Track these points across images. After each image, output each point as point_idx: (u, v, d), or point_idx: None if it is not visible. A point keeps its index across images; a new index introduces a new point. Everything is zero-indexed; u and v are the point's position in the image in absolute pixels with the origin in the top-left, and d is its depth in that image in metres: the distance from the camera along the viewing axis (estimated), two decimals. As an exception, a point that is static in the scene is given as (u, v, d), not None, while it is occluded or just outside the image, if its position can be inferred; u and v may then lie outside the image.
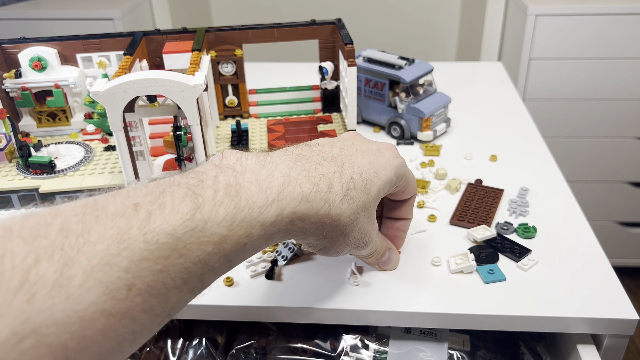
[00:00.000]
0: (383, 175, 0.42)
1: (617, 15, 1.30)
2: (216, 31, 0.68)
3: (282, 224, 0.34)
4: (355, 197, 0.39)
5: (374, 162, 0.42)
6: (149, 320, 0.27)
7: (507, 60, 1.52)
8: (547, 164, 0.67)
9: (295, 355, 0.51)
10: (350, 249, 0.43)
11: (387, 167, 0.43)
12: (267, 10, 1.89)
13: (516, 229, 0.55)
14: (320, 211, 0.36)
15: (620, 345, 0.47)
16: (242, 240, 0.31)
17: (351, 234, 0.40)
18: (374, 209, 0.42)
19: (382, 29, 1.89)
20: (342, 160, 0.40)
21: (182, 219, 0.28)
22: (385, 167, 0.43)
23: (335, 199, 0.37)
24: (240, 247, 0.32)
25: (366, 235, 0.42)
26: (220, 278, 0.33)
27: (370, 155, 0.43)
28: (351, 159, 0.41)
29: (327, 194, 0.37)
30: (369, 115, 0.78)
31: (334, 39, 0.70)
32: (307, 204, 0.35)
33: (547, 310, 0.46)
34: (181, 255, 0.28)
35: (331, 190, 0.37)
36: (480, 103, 0.84)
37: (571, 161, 1.49)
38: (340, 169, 0.39)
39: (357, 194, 0.39)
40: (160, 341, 0.55)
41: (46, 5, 1.50)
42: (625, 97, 1.40)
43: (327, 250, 0.41)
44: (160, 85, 0.49)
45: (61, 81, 0.68)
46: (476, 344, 0.52)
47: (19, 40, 0.67)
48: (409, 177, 0.46)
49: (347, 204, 0.38)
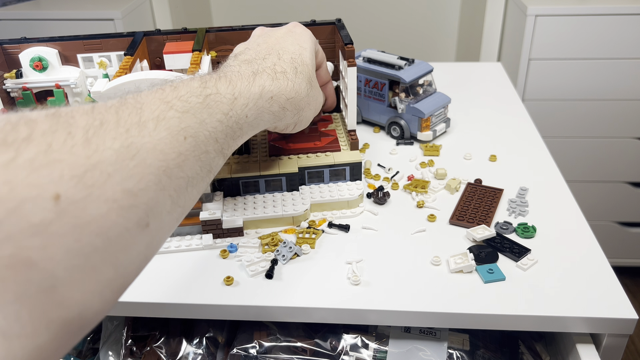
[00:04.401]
0: (306, 45, 0.52)
1: (617, 15, 1.30)
2: (216, 31, 0.68)
3: (266, 98, 0.43)
4: (302, 70, 0.49)
5: (294, 39, 0.52)
6: (201, 168, 0.35)
7: (507, 60, 1.52)
8: (546, 164, 0.68)
9: (295, 354, 0.51)
10: (314, 113, 0.53)
11: (304, 38, 0.53)
12: (267, 10, 1.89)
13: (515, 229, 0.56)
14: (287, 88, 0.46)
15: (620, 345, 0.47)
16: (244, 110, 0.40)
17: (311, 101, 0.51)
18: (314, 74, 0.53)
19: (382, 29, 1.89)
20: (274, 49, 0.49)
21: (199, 87, 0.37)
22: (304, 39, 0.53)
23: (291, 77, 0.47)
24: (244, 118, 0.40)
25: (319, 96, 0.53)
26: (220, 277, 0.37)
27: (288, 36, 0.52)
28: (280, 46, 0.50)
29: (284, 74, 0.46)
30: (369, 115, 0.78)
31: (334, 39, 0.70)
32: (277, 83, 0.45)
33: (546, 310, 0.46)
34: (210, 114, 0.36)
35: (285, 72, 0.47)
36: (480, 103, 0.85)
37: (570, 161, 1.49)
38: (279, 55, 0.48)
39: (301, 67, 0.49)
40: (160, 341, 0.55)
41: (47, 5, 1.51)
42: (625, 97, 1.40)
43: (300, 123, 0.51)
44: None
45: (62, 81, 0.69)
46: (476, 343, 0.52)
47: (20, 40, 0.68)
48: (320, 48, 0.57)
49: (300, 77, 0.48)
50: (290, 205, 0.57)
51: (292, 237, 0.56)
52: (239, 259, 0.53)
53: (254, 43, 0.51)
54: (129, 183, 0.27)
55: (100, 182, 0.26)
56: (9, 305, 0.22)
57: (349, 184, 0.60)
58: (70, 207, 0.24)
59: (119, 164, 0.27)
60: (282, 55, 0.49)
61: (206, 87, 0.38)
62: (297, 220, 0.57)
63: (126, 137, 0.28)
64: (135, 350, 0.55)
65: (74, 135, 0.26)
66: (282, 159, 0.60)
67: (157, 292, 0.49)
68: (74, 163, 0.25)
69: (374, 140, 0.75)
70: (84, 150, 0.26)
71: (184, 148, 0.33)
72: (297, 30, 0.54)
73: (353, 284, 0.49)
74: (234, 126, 0.39)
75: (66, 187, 0.24)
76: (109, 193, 0.26)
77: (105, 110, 0.29)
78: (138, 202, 0.28)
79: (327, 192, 0.59)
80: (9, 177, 0.22)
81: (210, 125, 0.36)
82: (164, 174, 0.30)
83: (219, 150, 0.37)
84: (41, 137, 0.24)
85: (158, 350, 0.54)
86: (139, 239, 0.29)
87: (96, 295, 0.26)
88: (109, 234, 0.26)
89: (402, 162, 0.69)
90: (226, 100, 0.39)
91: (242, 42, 0.54)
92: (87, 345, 0.61)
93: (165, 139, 0.31)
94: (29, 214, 0.22)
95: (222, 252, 0.53)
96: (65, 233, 0.24)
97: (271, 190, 0.59)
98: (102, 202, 0.26)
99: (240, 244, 0.55)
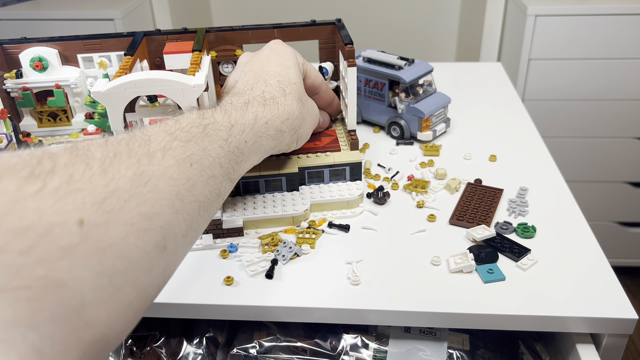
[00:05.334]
0: (290, 63, 0.53)
1: (617, 15, 1.30)
2: (216, 31, 0.68)
3: (260, 124, 0.45)
4: (290, 91, 0.50)
5: (278, 60, 0.53)
6: (210, 192, 0.37)
7: (507, 60, 1.52)
8: (546, 164, 0.68)
9: (295, 354, 0.51)
10: (312, 126, 0.55)
11: (287, 56, 0.54)
12: (267, 10, 1.89)
13: (515, 229, 0.56)
14: (279, 112, 0.47)
15: (619, 345, 0.47)
16: (242, 136, 0.43)
17: (306, 116, 0.52)
18: (304, 90, 0.54)
19: (382, 29, 1.89)
20: (261, 76, 0.51)
21: (198, 118, 0.39)
22: (287, 57, 0.54)
23: (281, 100, 0.48)
24: (243, 143, 0.43)
25: (313, 109, 0.55)
26: (220, 277, 0.39)
27: (271, 57, 0.53)
28: (265, 70, 0.51)
29: (273, 100, 0.48)
30: (369, 116, 0.78)
31: (334, 39, 0.70)
32: (268, 110, 0.47)
33: (546, 310, 0.46)
34: (210, 141, 0.39)
35: (274, 97, 0.48)
36: (480, 103, 0.85)
37: (570, 161, 1.49)
38: (265, 82, 0.50)
39: (289, 88, 0.50)
40: (160, 341, 0.55)
41: (47, 5, 1.51)
42: (625, 97, 1.40)
43: (301, 139, 0.53)
44: (161, 85, 0.49)
45: (62, 81, 0.69)
46: (475, 343, 0.52)
47: (20, 40, 0.68)
48: (304, 60, 0.58)
49: (290, 98, 0.49)
50: (290, 205, 0.57)
51: (292, 237, 0.56)
52: (239, 259, 0.53)
53: (242, 73, 0.52)
54: (143, 207, 0.30)
55: (118, 207, 0.28)
56: (45, 324, 0.23)
57: (349, 184, 0.60)
58: (93, 231, 0.26)
59: (134, 190, 0.29)
60: (268, 80, 0.50)
61: (204, 118, 0.40)
62: (297, 221, 0.57)
63: (138, 166, 0.31)
64: (135, 350, 0.55)
65: (92, 166, 0.28)
66: (282, 159, 0.60)
67: (157, 292, 0.49)
68: (94, 191, 0.27)
69: (374, 140, 0.75)
70: (102, 179, 0.28)
71: (191, 174, 0.35)
72: (278, 48, 0.55)
73: (353, 284, 0.49)
74: (235, 151, 0.41)
75: (88, 212, 0.26)
76: (127, 217, 0.28)
77: (117, 142, 0.32)
78: (154, 226, 0.30)
79: (327, 192, 0.59)
80: (39, 205, 0.25)
81: (213, 152, 0.38)
82: (177, 197, 0.33)
83: (225, 174, 0.39)
84: (63, 169, 0.27)
85: (158, 350, 0.54)
86: (158, 261, 0.31)
87: (120, 315, 0.28)
88: (130, 256, 0.28)
89: (402, 162, 0.69)
90: (224, 127, 0.41)
91: (232, 72, 0.57)
92: (87, 345, 0.61)
93: (173, 166, 0.34)
94: (57, 238, 0.24)
95: (222, 252, 0.53)
96: (90, 255, 0.26)
97: (271, 190, 0.59)
98: (121, 226, 0.28)
99: (240, 244, 0.55)
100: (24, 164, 0.26)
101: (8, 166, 0.25)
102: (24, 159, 0.26)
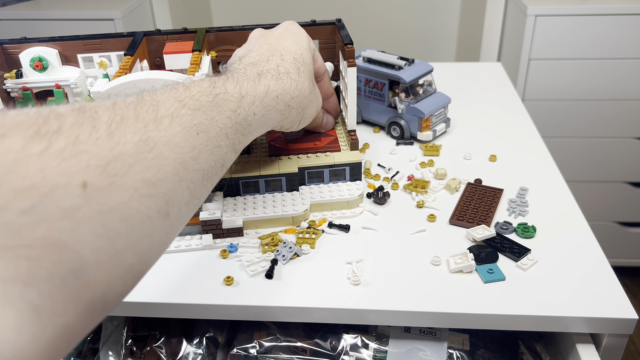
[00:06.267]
0: (305, 45, 0.53)
1: (617, 15, 1.30)
2: (217, 31, 0.68)
3: (271, 97, 0.45)
4: (304, 70, 0.50)
5: (293, 39, 0.53)
6: (215, 162, 0.37)
7: (507, 60, 1.52)
8: (546, 164, 0.68)
9: (295, 354, 0.51)
10: (316, 111, 0.54)
11: (302, 38, 0.54)
12: (267, 10, 1.89)
13: (515, 229, 0.56)
14: (291, 87, 0.47)
15: (619, 345, 0.47)
16: (251, 108, 0.42)
17: (313, 99, 0.52)
18: (313, 74, 0.54)
19: (382, 29, 1.89)
20: (277, 50, 0.50)
21: (209, 86, 0.39)
22: (302, 39, 0.54)
23: (294, 77, 0.48)
24: (252, 115, 0.42)
25: (319, 97, 0.55)
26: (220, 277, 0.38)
27: (286, 35, 0.53)
28: (281, 46, 0.51)
29: (287, 75, 0.48)
30: (369, 116, 0.78)
31: (334, 39, 0.70)
32: (281, 83, 0.46)
33: (546, 310, 0.46)
34: (219, 111, 0.38)
35: (288, 72, 0.48)
36: (480, 103, 0.85)
37: (570, 161, 1.49)
38: (281, 56, 0.50)
39: (303, 67, 0.50)
40: (160, 341, 0.55)
41: (47, 5, 1.51)
42: (625, 97, 1.40)
43: (303, 121, 0.52)
44: (160, 85, 0.49)
45: (62, 81, 0.69)
46: (475, 343, 0.52)
47: (20, 40, 0.68)
48: (314, 45, 0.58)
49: (302, 76, 0.50)
50: (290, 206, 0.57)
51: (292, 237, 0.56)
52: (239, 259, 0.53)
53: (256, 45, 0.52)
54: (148, 173, 0.30)
55: (122, 172, 0.28)
56: (43, 283, 0.23)
57: (349, 184, 0.60)
58: (96, 194, 0.26)
59: (139, 155, 0.29)
60: (284, 55, 0.50)
61: (215, 87, 0.40)
62: (296, 221, 0.57)
63: (144, 131, 0.31)
64: (135, 350, 0.55)
65: (98, 128, 0.28)
66: (282, 159, 0.60)
67: (157, 292, 0.49)
68: (99, 154, 0.27)
69: (374, 140, 0.75)
70: (108, 142, 0.28)
71: (197, 142, 0.35)
72: (294, 28, 0.55)
73: (353, 284, 0.49)
74: (243, 122, 0.41)
75: (92, 175, 0.26)
76: (130, 182, 0.28)
77: (125, 106, 0.32)
78: (157, 192, 0.30)
79: (327, 192, 0.59)
80: (43, 165, 0.24)
81: (220, 122, 0.38)
82: (181, 165, 0.33)
83: (230, 145, 0.39)
84: (69, 130, 0.27)
85: (158, 350, 0.54)
86: (160, 227, 0.31)
87: (119, 278, 0.28)
88: (132, 221, 0.28)
89: (402, 162, 0.69)
90: (234, 98, 0.41)
91: (243, 45, 0.55)
92: (87, 346, 0.61)
93: (179, 134, 0.33)
94: (59, 200, 0.24)
95: (222, 252, 0.53)
96: (92, 218, 0.26)
97: (271, 191, 0.59)
98: (124, 190, 0.28)
99: (240, 244, 0.55)
100: (30, 122, 0.26)
101: (14, 124, 0.25)
102: (30, 117, 0.26)
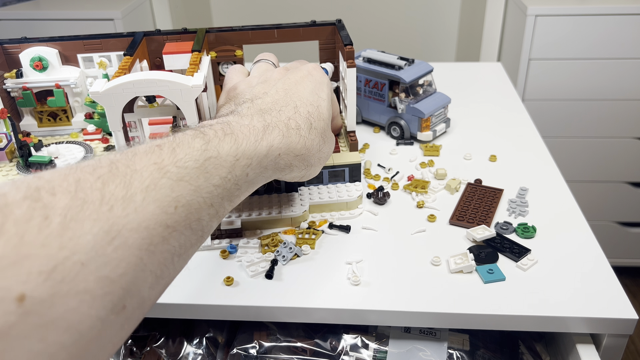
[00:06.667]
0: (324, 95, 0.49)
1: (617, 15, 1.30)
2: (216, 32, 0.68)
3: (272, 157, 0.41)
4: (317, 126, 0.47)
5: (313, 87, 0.49)
6: (191, 236, 0.33)
7: (507, 60, 1.52)
8: (546, 164, 0.68)
9: (295, 354, 0.51)
10: (322, 165, 0.50)
11: (323, 87, 0.50)
12: (268, 10, 1.89)
13: (515, 229, 0.56)
14: (298, 145, 0.44)
15: (620, 345, 0.47)
16: (245, 170, 0.38)
17: (323, 156, 0.49)
18: (329, 127, 0.50)
19: (382, 29, 1.89)
20: (292, 100, 0.47)
21: (199, 150, 0.35)
22: (322, 87, 0.50)
23: (305, 133, 0.45)
24: (244, 177, 0.38)
25: (330, 150, 0.51)
26: (220, 277, 0.37)
27: (306, 82, 0.49)
28: (298, 95, 0.47)
29: (297, 130, 0.44)
30: (369, 116, 0.78)
31: (334, 39, 0.70)
32: (287, 140, 0.43)
33: (546, 310, 0.46)
34: (206, 178, 0.34)
35: (299, 127, 0.44)
36: (480, 103, 0.85)
37: (570, 161, 1.49)
38: (295, 108, 0.46)
39: (316, 123, 0.47)
40: (160, 341, 0.55)
41: (47, 5, 1.51)
42: (625, 97, 1.40)
43: (307, 175, 0.49)
44: (159, 85, 0.49)
45: (62, 81, 0.69)
46: (475, 344, 0.52)
47: (20, 40, 0.68)
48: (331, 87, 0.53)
49: (314, 133, 0.46)
50: (289, 207, 0.57)
51: (292, 238, 0.56)
52: (238, 260, 0.53)
53: (274, 88, 0.48)
54: (104, 270, 0.26)
55: (72, 275, 0.24)
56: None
57: (348, 185, 0.60)
58: (36, 306, 0.23)
59: (96, 250, 0.26)
60: (299, 107, 0.46)
61: (207, 150, 0.35)
62: (295, 222, 0.57)
63: (108, 217, 0.27)
64: (135, 350, 0.55)
65: (51, 221, 0.25)
66: (282, 159, 0.60)
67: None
68: (45, 256, 0.24)
69: (374, 141, 0.75)
70: (58, 239, 0.24)
71: (173, 220, 0.31)
72: (316, 75, 0.51)
73: (353, 284, 0.49)
74: (232, 188, 0.37)
75: (33, 285, 0.23)
76: (82, 285, 0.25)
77: (91, 184, 0.28)
78: (114, 288, 0.27)
79: (326, 194, 0.59)
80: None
81: (206, 191, 0.34)
82: (146, 251, 0.29)
83: (213, 214, 0.35)
84: (14, 228, 0.23)
85: (158, 351, 0.54)
86: (113, 324, 0.27)
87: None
88: (80, 328, 0.25)
89: (402, 162, 0.69)
90: (227, 163, 0.37)
91: (256, 78, 0.51)
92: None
93: (152, 212, 0.29)
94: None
95: (222, 252, 0.53)
96: (28, 335, 0.22)
97: (270, 192, 0.59)
98: (72, 297, 0.24)
99: (240, 244, 0.55)
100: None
101: None
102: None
